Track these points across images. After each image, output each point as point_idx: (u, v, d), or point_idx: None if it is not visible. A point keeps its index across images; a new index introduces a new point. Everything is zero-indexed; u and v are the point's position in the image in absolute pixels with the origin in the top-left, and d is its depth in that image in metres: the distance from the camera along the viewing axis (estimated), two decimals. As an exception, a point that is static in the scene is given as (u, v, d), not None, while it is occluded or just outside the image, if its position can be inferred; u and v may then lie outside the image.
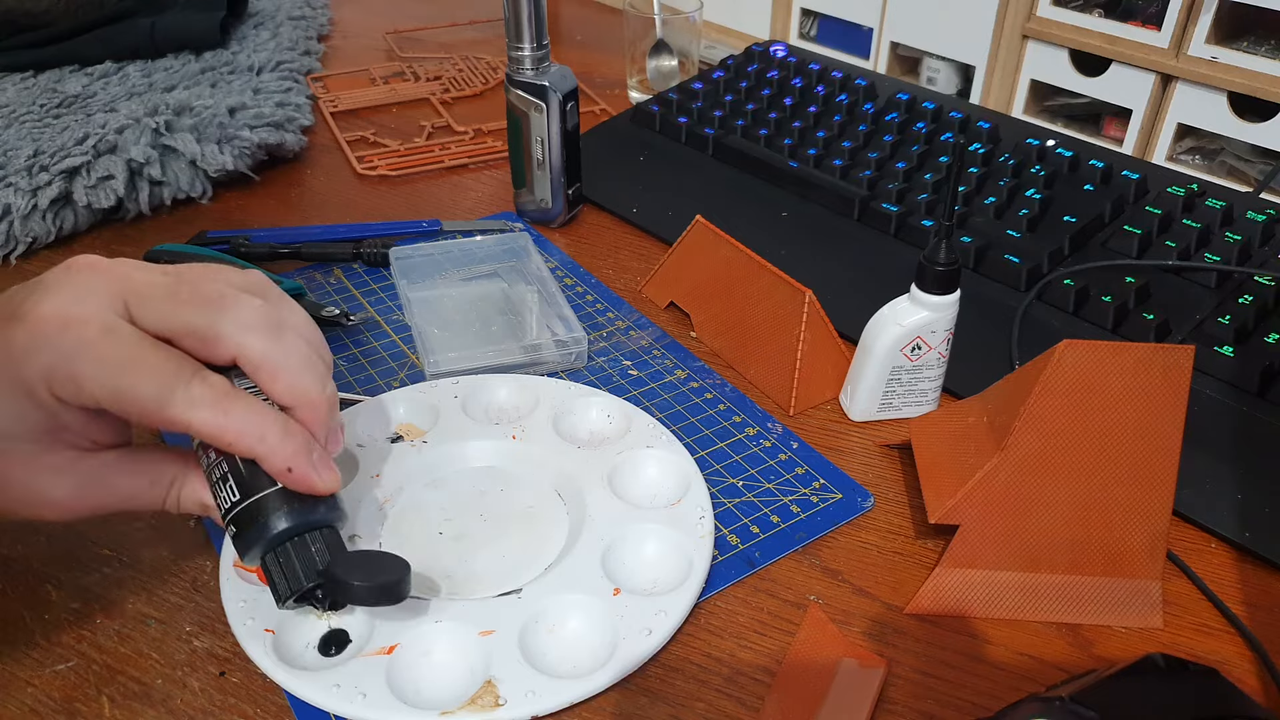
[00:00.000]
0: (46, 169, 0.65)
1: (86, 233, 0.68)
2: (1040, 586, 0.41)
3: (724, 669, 0.39)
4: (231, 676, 0.38)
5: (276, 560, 0.36)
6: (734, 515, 0.45)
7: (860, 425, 0.51)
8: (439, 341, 0.55)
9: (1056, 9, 0.82)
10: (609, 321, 0.59)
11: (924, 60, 0.93)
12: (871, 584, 0.43)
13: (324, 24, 1.04)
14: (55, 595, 0.41)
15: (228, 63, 0.86)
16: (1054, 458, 0.40)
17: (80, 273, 0.36)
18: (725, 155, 0.73)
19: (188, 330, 0.36)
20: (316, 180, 0.75)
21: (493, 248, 0.62)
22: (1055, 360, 0.38)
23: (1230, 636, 0.41)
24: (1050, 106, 0.88)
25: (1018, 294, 0.57)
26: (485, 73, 0.95)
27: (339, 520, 0.38)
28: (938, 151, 0.68)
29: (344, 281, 0.63)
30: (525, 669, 0.37)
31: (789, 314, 0.52)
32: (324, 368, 0.39)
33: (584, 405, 0.50)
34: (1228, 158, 0.78)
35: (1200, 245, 0.57)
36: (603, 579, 0.41)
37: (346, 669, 0.37)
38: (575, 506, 0.45)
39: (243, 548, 0.36)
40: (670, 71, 0.87)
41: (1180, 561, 0.43)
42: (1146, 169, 0.64)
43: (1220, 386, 0.50)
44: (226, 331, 0.36)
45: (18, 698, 0.37)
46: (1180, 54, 0.76)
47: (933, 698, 0.38)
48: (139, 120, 0.68)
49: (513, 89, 0.64)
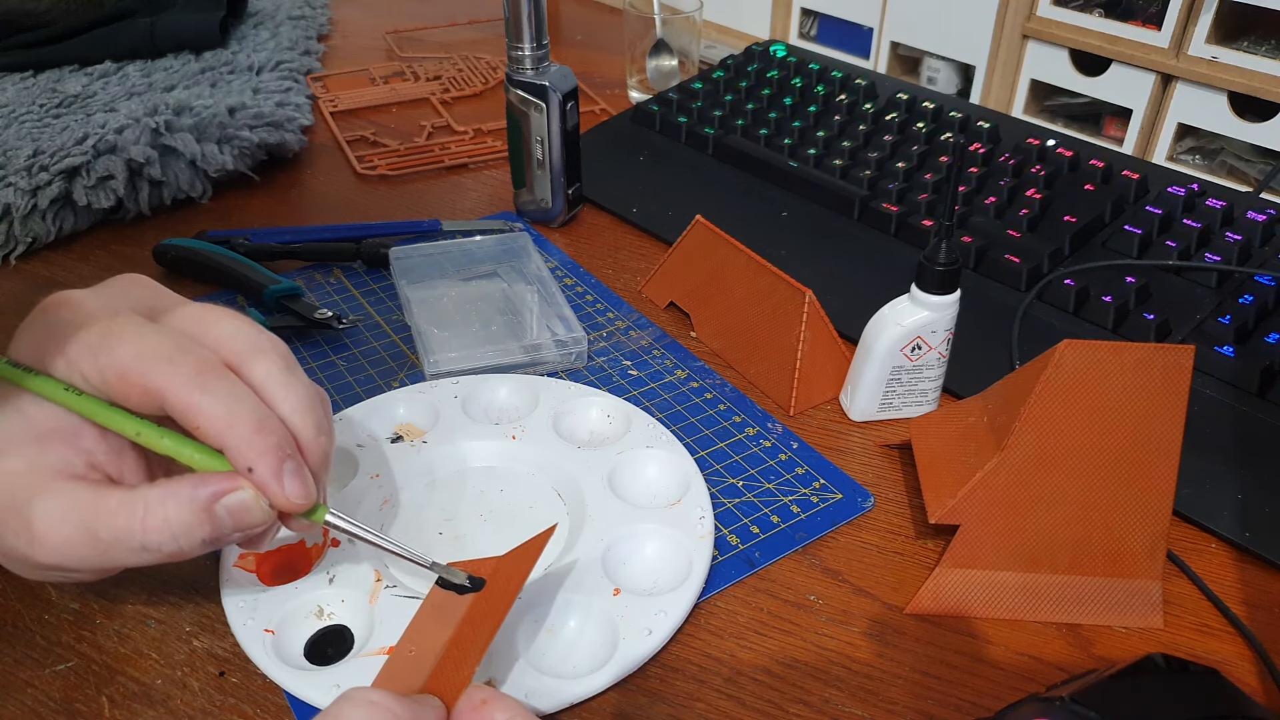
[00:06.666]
0: (46, 169, 0.65)
1: (86, 233, 0.68)
2: (1040, 586, 0.41)
3: (724, 669, 0.39)
4: (231, 676, 0.38)
5: None
6: (734, 515, 0.45)
7: (860, 425, 0.51)
8: (439, 341, 0.55)
9: (1056, 9, 0.82)
10: (609, 321, 0.59)
11: (924, 60, 0.93)
12: (871, 584, 0.43)
13: (324, 24, 1.04)
14: (55, 595, 0.41)
15: (227, 62, 0.86)
16: (1054, 458, 0.40)
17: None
18: (725, 155, 0.73)
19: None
20: (316, 180, 0.75)
21: (492, 248, 0.62)
22: (1055, 360, 0.38)
23: (1230, 636, 0.40)
24: (1050, 106, 0.87)
25: (1018, 294, 0.57)
26: (485, 72, 0.94)
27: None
28: (938, 151, 0.68)
29: (344, 281, 0.63)
30: (525, 669, 0.37)
31: (789, 314, 0.52)
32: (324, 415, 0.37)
33: (584, 405, 0.50)
34: (1228, 158, 0.78)
35: (1200, 245, 0.57)
36: (603, 579, 0.41)
37: (346, 669, 0.37)
38: (575, 506, 0.45)
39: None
40: (670, 71, 0.87)
41: (1180, 561, 0.43)
42: (1146, 169, 0.64)
43: (1220, 386, 0.50)
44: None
45: (18, 698, 0.37)
46: (1180, 54, 0.76)
47: (933, 698, 0.38)
48: (139, 120, 0.68)
49: (513, 89, 0.64)
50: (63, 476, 0.34)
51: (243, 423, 0.34)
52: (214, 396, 0.33)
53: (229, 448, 0.34)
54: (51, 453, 0.34)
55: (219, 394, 0.34)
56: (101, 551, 0.33)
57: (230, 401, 0.34)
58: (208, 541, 0.34)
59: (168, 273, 0.63)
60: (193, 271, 0.62)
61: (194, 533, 0.34)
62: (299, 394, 0.36)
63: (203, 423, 0.33)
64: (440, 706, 0.30)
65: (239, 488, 0.34)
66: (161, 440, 0.35)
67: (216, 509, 0.34)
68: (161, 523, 0.33)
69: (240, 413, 0.34)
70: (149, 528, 0.33)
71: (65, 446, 0.34)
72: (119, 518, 0.33)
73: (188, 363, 0.34)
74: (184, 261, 0.62)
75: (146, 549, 0.34)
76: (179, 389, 0.33)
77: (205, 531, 0.34)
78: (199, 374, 0.34)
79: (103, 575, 0.36)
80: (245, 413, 0.34)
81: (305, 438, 0.36)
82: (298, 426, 0.36)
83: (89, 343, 0.34)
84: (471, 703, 0.30)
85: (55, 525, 0.33)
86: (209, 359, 0.34)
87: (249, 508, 0.34)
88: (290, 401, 0.36)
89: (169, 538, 0.33)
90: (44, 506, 0.33)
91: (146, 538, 0.33)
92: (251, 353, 0.36)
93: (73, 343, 0.34)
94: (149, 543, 0.33)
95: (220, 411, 0.33)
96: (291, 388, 0.36)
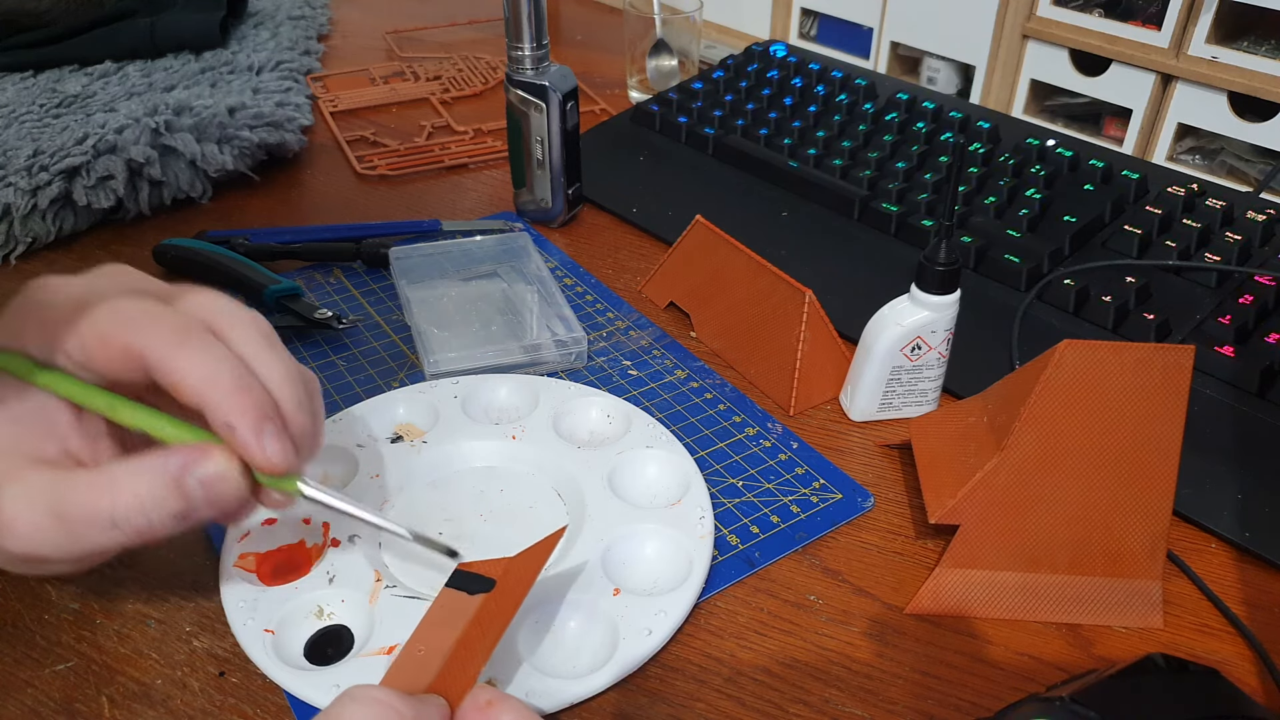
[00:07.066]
0: (46, 169, 0.65)
1: (86, 233, 0.68)
2: (1040, 586, 0.41)
3: (724, 669, 0.39)
4: (231, 676, 0.38)
5: None
6: (734, 515, 0.45)
7: (860, 425, 0.51)
8: (439, 341, 0.55)
9: (1056, 9, 0.82)
10: (609, 321, 0.59)
11: (924, 60, 0.93)
12: (871, 584, 0.43)
13: (324, 24, 1.04)
14: (55, 595, 0.41)
15: (227, 62, 0.86)
16: (1054, 458, 0.40)
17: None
18: (725, 155, 0.73)
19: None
20: (316, 180, 0.75)
21: (492, 248, 0.62)
22: (1055, 360, 0.38)
23: (1230, 636, 0.40)
24: (1050, 106, 0.87)
25: (1018, 294, 0.57)
26: (485, 72, 0.94)
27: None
28: (938, 151, 0.68)
29: (344, 281, 0.63)
30: (525, 669, 0.37)
31: (789, 314, 0.52)
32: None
33: (584, 405, 0.50)
34: (1228, 158, 0.78)
35: (1200, 245, 0.57)
36: (603, 579, 0.41)
37: (346, 669, 0.37)
38: (575, 506, 0.45)
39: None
40: (670, 71, 0.87)
41: (1180, 561, 0.43)
42: (1146, 169, 0.64)
43: (1220, 386, 0.50)
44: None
45: (18, 698, 0.37)
46: (1180, 54, 0.76)
47: (933, 698, 0.38)
48: (139, 120, 0.68)
49: (513, 89, 0.64)
50: (33, 464, 0.33)
51: (224, 379, 0.33)
52: (194, 351, 0.33)
53: (209, 405, 0.33)
54: (23, 440, 0.34)
55: (199, 350, 0.33)
56: (71, 534, 0.33)
57: (211, 359, 0.33)
58: (179, 516, 0.33)
59: (168, 273, 0.63)
60: (193, 271, 0.62)
61: (164, 505, 0.33)
62: (283, 365, 0.35)
63: (181, 378, 0.33)
64: (444, 706, 0.30)
65: (210, 458, 0.33)
66: (135, 415, 0.34)
67: (188, 480, 0.33)
68: (131, 497, 0.32)
69: (221, 370, 0.33)
70: (118, 503, 0.32)
71: (38, 433, 0.34)
72: (87, 494, 0.32)
73: (168, 320, 0.33)
74: (184, 261, 0.62)
75: (116, 525, 0.32)
76: (159, 345, 0.33)
77: (176, 504, 0.33)
78: (179, 331, 0.33)
79: (80, 564, 0.35)
80: (226, 370, 0.33)
81: (287, 407, 0.35)
82: (280, 396, 0.35)
83: (67, 315, 0.34)
84: (476, 703, 0.30)
85: (23, 511, 0.32)
86: (190, 320, 0.34)
87: (222, 476, 0.33)
88: (275, 370, 0.35)
89: (138, 511, 0.32)
90: (12, 493, 0.32)
91: (115, 512, 0.32)
92: (234, 323, 0.35)
93: (50, 317, 0.34)
94: (119, 518, 0.32)
95: (200, 367, 0.33)
96: (275, 359, 0.35)
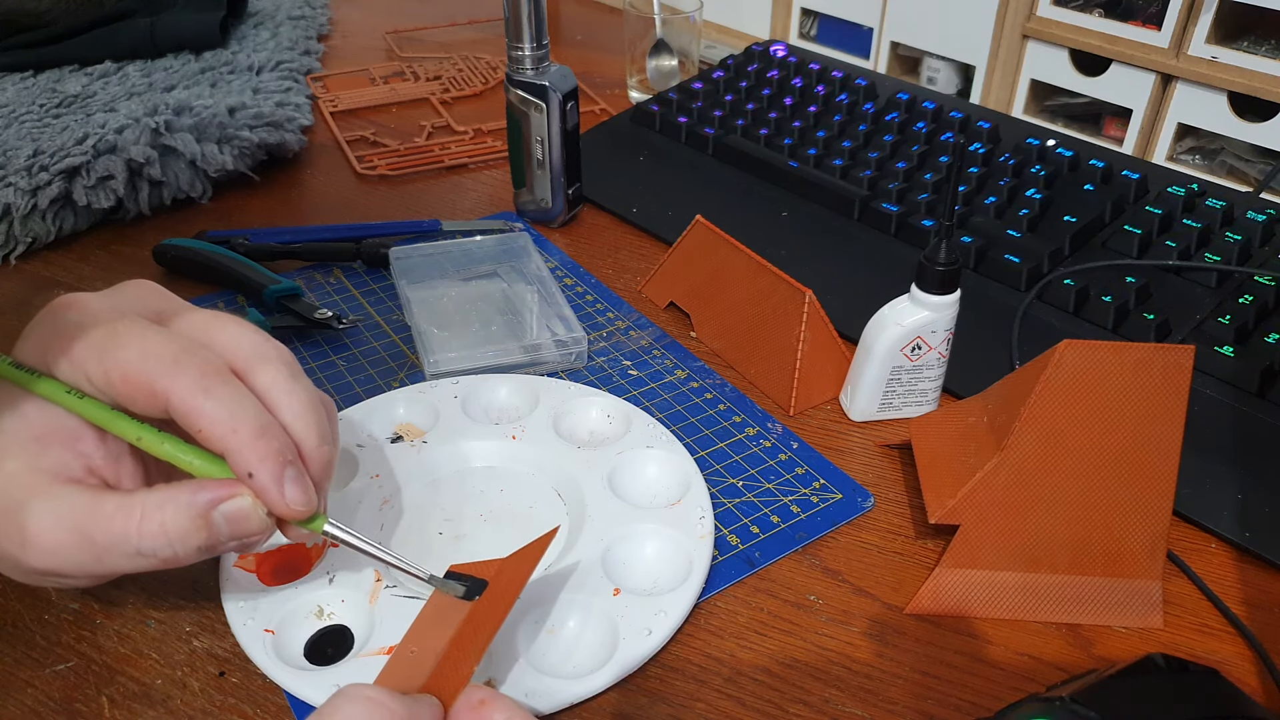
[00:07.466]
0: (46, 169, 0.65)
1: (86, 233, 0.68)
2: (1040, 586, 0.41)
3: (724, 669, 0.39)
4: (231, 676, 0.38)
5: None
6: (734, 515, 0.45)
7: (860, 425, 0.51)
8: (439, 341, 0.55)
9: (1056, 9, 0.82)
10: (609, 321, 0.59)
11: (924, 60, 0.93)
12: (871, 584, 0.43)
13: (324, 24, 1.04)
14: (55, 595, 0.41)
15: (227, 62, 0.86)
16: (1054, 458, 0.40)
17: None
18: (725, 155, 0.73)
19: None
20: (316, 180, 0.75)
21: (492, 247, 0.62)
22: (1055, 360, 0.38)
23: (1230, 636, 0.40)
24: (1050, 106, 0.87)
25: (1018, 294, 0.57)
26: (485, 72, 0.94)
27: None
28: (938, 151, 0.68)
29: (344, 281, 0.63)
30: (525, 669, 0.37)
31: (789, 314, 0.52)
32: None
33: (584, 405, 0.50)
34: (1228, 158, 0.78)
35: (1200, 245, 0.57)
36: (603, 579, 0.41)
37: (346, 669, 0.37)
38: (575, 506, 0.45)
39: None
40: (670, 71, 0.87)
41: (1180, 561, 0.43)
42: (1146, 169, 0.64)
43: (1220, 386, 0.50)
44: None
45: (18, 698, 0.37)
46: (1180, 54, 0.76)
47: (933, 698, 0.38)
48: (139, 120, 0.68)
49: (513, 89, 0.64)
50: (59, 480, 0.34)
51: (245, 427, 0.33)
52: (218, 400, 0.33)
53: (230, 452, 0.34)
54: (49, 456, 0.34)
55: (223, 398, 0.33)
56: (95, 556, 0.33)
57: (234, 406, 0.33)
58: (203, 549, 0.34)
59: (168, 273, 0.63)
60: (193, 271, 0.62)
61: (190, 539, 0.33)
62: (303, 401, 0.36)
63: (205, 426, 0.33)
64: (437, 705, 0.30)
65: (237, 494, 0.34)
66: (162, 445, 0.34)
67: (214, 516, 0.34)
68: (158, 528, 0.33)
69: (243, 417, 0.33)
70: (145, 533, 0.33)
71: (63, 450, 0.34)
72: (115, 522, 0.33)
73: (193, 366, 0.34)
74: (184, 261, 0.62)
75: (141, 554, 0.33)
76: (183, 391, 0.33)
77: (202, 538, 0.34)
78: (203, 377, 0.33)
79: (97, 582, 0.36)
80: (248, 418, 0.34)
81: (308, 446, 0.35)
82: (300, 434, 0.35)
83: (94, 344, 0.34)
84: (469, 702, 0.30)
85: (49, 529, 0.33)
86: (214, 363, 0.34)
87: (246, 515, 0.34)
88: (294, 408, 0.35)
89: (164, 543, 0.33)
90: (38, 509, 0.33)
91: (142, 543, 0.33)
92: (257, 359, 0.36)
93: (78, 344, 0.34)
94: (144, 548, 0.33)
95: (223, 415, 0.33)
96: (296, 395, 0.36)
